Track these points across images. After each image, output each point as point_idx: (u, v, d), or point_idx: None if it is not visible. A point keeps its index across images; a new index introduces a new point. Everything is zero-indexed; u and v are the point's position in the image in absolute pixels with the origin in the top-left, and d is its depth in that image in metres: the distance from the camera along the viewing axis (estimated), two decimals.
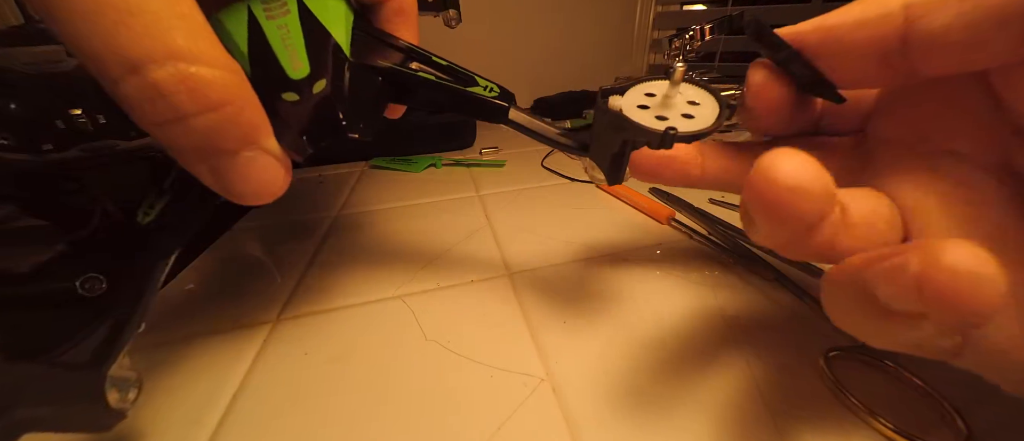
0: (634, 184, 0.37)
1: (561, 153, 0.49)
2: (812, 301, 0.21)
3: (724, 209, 0.32)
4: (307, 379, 0.19)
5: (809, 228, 0.10)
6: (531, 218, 0.33)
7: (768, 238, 0.11)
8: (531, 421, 0.16)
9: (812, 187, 0.09)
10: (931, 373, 0.16)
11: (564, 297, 0.23)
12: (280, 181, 0.14)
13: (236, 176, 0.12)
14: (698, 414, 0.16)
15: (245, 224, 0.35)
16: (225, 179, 0.12)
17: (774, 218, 0.10)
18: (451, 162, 0.48)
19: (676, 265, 0.26)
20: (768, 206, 0.10)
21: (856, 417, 0.16)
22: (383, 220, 0.34)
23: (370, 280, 0.26)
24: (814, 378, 0.17)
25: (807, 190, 0.09)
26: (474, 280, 0.25)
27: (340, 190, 0.42)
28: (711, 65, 0.56)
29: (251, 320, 0.23)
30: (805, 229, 0.10)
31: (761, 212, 0.10)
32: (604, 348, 0.20)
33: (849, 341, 0.19)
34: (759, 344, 0.19)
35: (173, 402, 0.18)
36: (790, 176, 0.09)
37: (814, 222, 0.10)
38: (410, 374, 0.19)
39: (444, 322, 0.22)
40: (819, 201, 0.10)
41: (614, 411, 0.17)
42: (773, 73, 0.14)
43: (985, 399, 0.16)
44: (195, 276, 0.28)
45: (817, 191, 0.10)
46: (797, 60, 0.13)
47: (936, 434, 0.15)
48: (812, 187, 0.09)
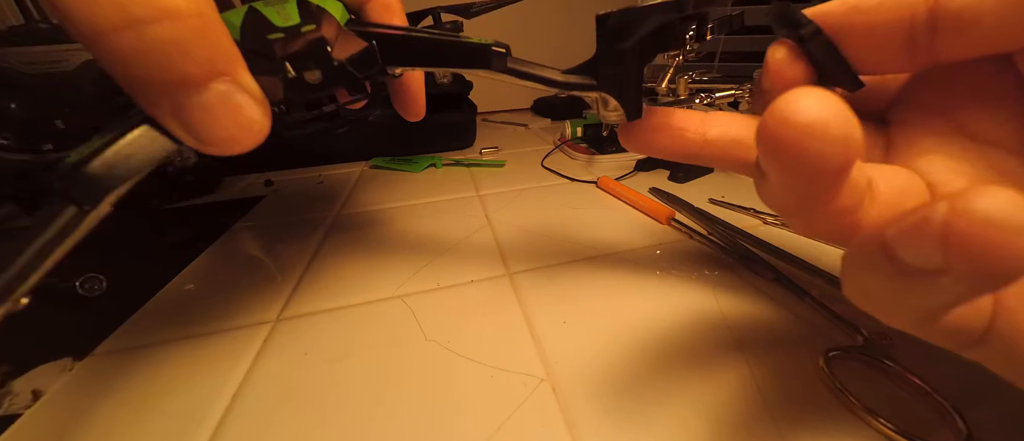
0: (634, 184, 0.37)
1: (561, 153, 0.49)
2: (812, 301, 0.21)
3: (724, 209, 0.32)
4: (307, 379, 0.19)
5: (831, 178, 0.09)
6: (531, 218, 0.33)
7: (783, 193, 0.10)
8: (531, 421, 0.16)
9: (835, 123, 0.08)
10: (931, 373, 0.16)
11: (564, 297, 0.23)
12: (258, 125, 0.12)
13: (205, 115, 0.11)
14: (698, 414, 0.16)
15: (245, 224, 0.35)
16: (192, 119, 0.11)
17: (791, 163, 0.09)
18: (451, 162, 0.48)
19: (676, 265, 0.26)
20: (784, 149, 0.09)
21: (856, 417, 0.16)
22: (383, 220, 0.34)
23: (370, 280, 0.26)
24: (814, 378, 0.17)
25: (828, 127, 0.08)
26: (474, 280, 0.25)
27: (340, 190, 0.42)
28: (711, 65, 0.56)
29: (251, 320, 0.23)
30: (826, 179, 0.09)
31: (776, 157, 0.09)
32: (604, 348, 0.20)
33: (849, 341, 0.19)
34: (759, 344, 0.19)
35: (173, 402, 0.18)
36: (810, 112, 0.08)
37: (836, 169, 0.09)
38: (410, 374, 0.19)
39: (444, 322, 0.22)
40: (842, 143, 0.08)
41: (614, 411, 0.17)
42: (794, 53, 0.13)
43: (985, 399, 0.16)
44: (195, 276, 0.28)
45: (840, 129, 0.08)
46: (818, 39, 0.13)
47: (936, 434, 0.15)
48: (835, 123, 0.08)
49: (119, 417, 0.18)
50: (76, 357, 0.21)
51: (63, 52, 0.36)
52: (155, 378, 0.19)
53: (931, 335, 0.10)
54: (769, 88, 0.14)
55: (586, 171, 0.43)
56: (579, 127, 0.50)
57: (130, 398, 0.19)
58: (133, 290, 0.26)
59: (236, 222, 0.36)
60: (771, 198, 0.10)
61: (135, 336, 0.22)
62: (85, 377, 0.20)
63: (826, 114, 0.08)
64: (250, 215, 0.37)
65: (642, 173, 0.41)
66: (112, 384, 0.19)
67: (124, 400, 0.18)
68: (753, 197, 0.33)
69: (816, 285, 0.23)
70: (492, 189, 0.40)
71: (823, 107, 0.08)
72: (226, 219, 0.36)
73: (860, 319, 0.19)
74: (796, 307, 0.21)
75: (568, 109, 0.67)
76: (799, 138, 0.08)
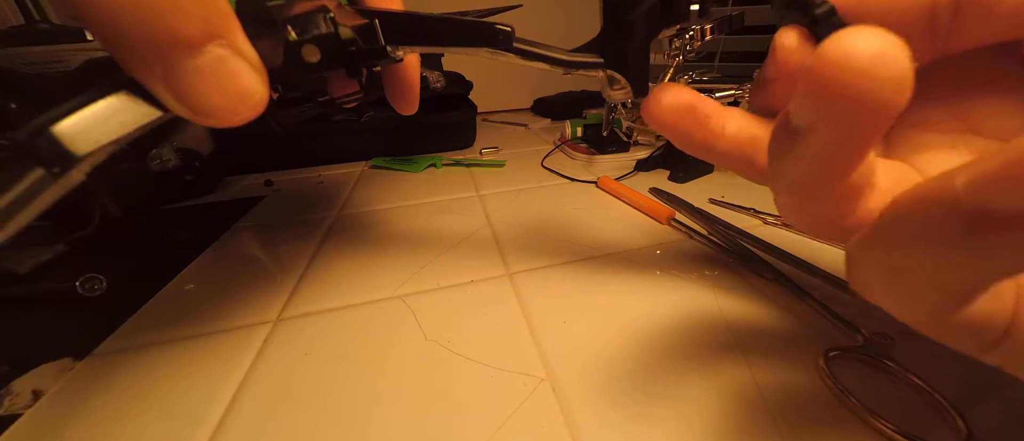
0: (634, 184, 0.37)
1: (561, 153, 0.49)
2: (812, 301, 0.21)
3: (724, 209, 0.32)
4: (307, 379, 0.19)
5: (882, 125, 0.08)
6: (531, 218, 0.33)
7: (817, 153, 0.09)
8: (531, 421, 0.16)
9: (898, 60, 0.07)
10: (931, 373, 0.16)
11: (564, 297, 0.23)
12: (256, 95, 0.11)
13: (200, 82, 0.10)
14: (698, 414, 0.16)
15: (245, 224, 0.35)
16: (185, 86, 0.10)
17: (846, 106, 0.08)
18: (451, 162, 0.48)
19: (676, 265, 0.26)
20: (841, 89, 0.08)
21: (856, 417, 0.16)
22: (383, 220, 0.34)
23: (370, 280, 0.26)
24: (814, 378, 0.17)
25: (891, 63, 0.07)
26: (474, 280, 0.25)
27: (340, 190, 0.42)
28: (711, 65, 0.56)
29: (251, 320, 0.23)
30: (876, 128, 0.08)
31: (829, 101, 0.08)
32: (604, 348, 0.20)
33: (849, 341, 0.19)
34: (759, 344, 0.19)
35: (173, 402, 0.18)
36: (872, 47, 0.07)
37: (891, 115, 0.08)
38: (410, 374, 0.19)
39: (444, 322, 0.22)
40: (900, 84, 0.08)
41: (614, 411, 0.17)
42: (805, 38, 0.12)
43: (985, 399, 0.16)
44: (195, 276, 0.28)
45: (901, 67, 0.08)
46: (832, 21, 0.12)
47: (936, 434, 0.15)
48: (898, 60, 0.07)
49: (119, 417, 0.18)
50: (76, 357, 0.21)
51: (63, 52, 0.36)
52: (155, 378, 0.19)
53: (951, 331, 0.09)
54: (774, 76, 0.13)
55: (586, 171, 0.43)
56: (579, 127, 0.50)
57: (130, 398, 0.19)
58: (133, 290, 0.26)
59: (236, 222, 0.36)
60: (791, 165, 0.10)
61: (135, 336, 0.22)
62: (85, 377, 0.20)
63: (889, 50, 0.07)
64: (250, 215, 0.37)
65: (642, 173, 0.41)
66: (112, 384, 0.19)
67: (124, 400, 0.18)
68: (753, 197, 0.33)
69: (816, 285, 0.23)
70: (492, 189, 0.40)
71: (885, 43, 0.07)
72: (226, 219, 0.36)
73: (860, 319, 0.19)
74: (796, 307, 0.21)
75: (568, 109, 0.67)
76: (857, 77, 0.08)
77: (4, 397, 0.19)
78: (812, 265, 0.24)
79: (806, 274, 0.23)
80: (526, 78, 0.75)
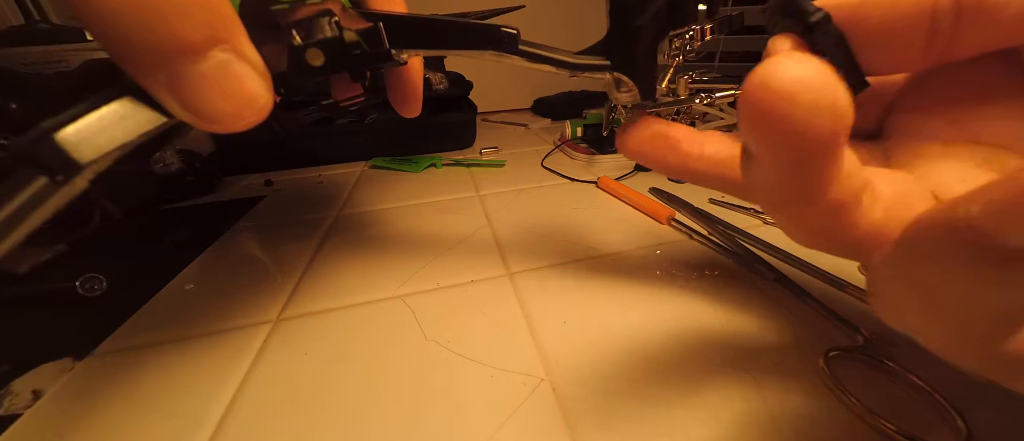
0: (634, 183, 0.37)
1: (561, 153, 0.49)
2: (812, 301, 0.21)
3: (724, 209, 0.32)
4: (307, 379, 0.19)
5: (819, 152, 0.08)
6: (531, 218, 0.33)
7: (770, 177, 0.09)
8: (531, 421, 0.16)
9: (816, 84, 0.08)
10: (931, 373, 0.16)
11: (564, 297, 0.23)
12: (260, 100, 0.11)
13: (204, 87, 0.10)
14: (698, 413, 0.16)
15: (245, 224, 0.35)
16: (189, 92, 0.10)
17: (772, 132, 0.08)
18: (451, 162, 0.48)
19: (676, 265, 0.26)
20: (764, 114, 0.08)
21: (856, 417, 0.16)
22: (383, 220, 0.34)
23: (370, 280, 0.26)
24: (814, 378, 0.17)
25: (809, 88, 0.08)
26: (474, 280, 0.25)
27: (340, 190, 0.42)
28: (711, 65, 0.56)
29: (251, 320, 0.23)
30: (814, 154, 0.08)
31: (757, 127, 0.08)
32: (604, 348, 0.20)
33: (849, 341, 0.19)
34: (759, 344, 0.19)
35: (173, 402, 0.18)
36: (790, 72, 0.08)
37: (822, 140, 0.08)
38: (410, 374, 0.19)
39: (444, 322, 0.22)
40: (827, 108, 0.08)
41: (614, 411, 0.17)
42: (797, 45, 0.12)
43: (985, 399, 0.16)
44: (195, 276, 0.28)
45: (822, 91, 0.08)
46: (827, 28, 0.11)
47: (936, 434, 0.15)
48: (816, 84, 0.08)
49: (119, 417, 0.18)
50: (76, 357, 0.21)
51: (63, 52, 0.36)
52: (155, 378, 0.19)
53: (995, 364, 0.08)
54: None
55: (586, 171, 0.43)
56: (579, 127, 0.50)
57: (130, 398, 0.19)
58: (133, 290, 0.26)
59: (236, 222, 0.36)
60: (759, 187, 0.10)
61: (135, 336, 0.22)
62: (85, 377, 0.20)
63: (807, 75, 0.08)
64: (250, 215, 0.37)
65: (642, 173, 0.41)
66: (112, 384, 0.19)
67: (124, 400, 0.18)
68: None
69: (816, 285, 0.23)
70: (492, 189, 0.40)
71: (804, 69, 0.08)
72: (226, 219, 0.36)
73: (860, 319, 0.19)
74: (796, 307, 0.21)
75: (568, 109, 0.67)
76: (778, 101, 0.08)
77: (4, 397, 0.19)
78: (812, 265, 0.24)
79: (806, 274, 0.23)
80: (526, 78, 0.75)
